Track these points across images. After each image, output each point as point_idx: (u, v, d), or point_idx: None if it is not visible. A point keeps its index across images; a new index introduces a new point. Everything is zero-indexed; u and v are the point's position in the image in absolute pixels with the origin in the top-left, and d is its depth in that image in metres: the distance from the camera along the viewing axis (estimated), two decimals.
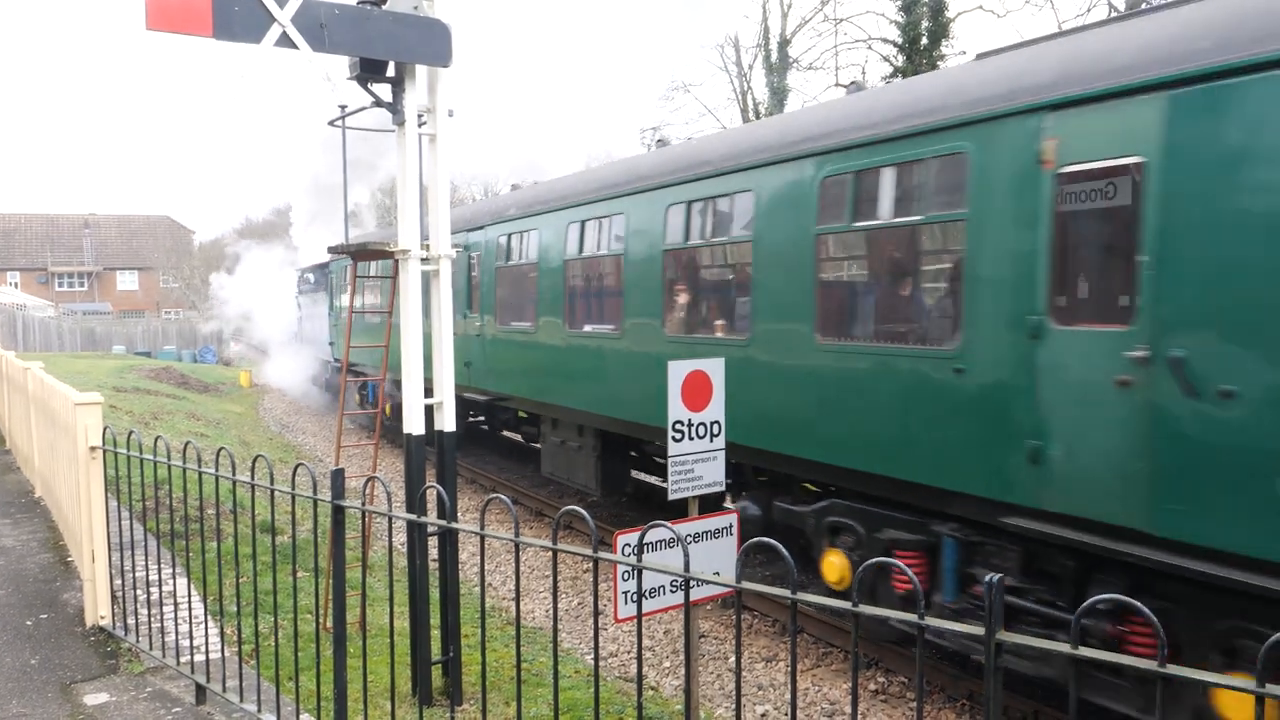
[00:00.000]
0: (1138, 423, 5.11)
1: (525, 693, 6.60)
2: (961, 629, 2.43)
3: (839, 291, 7.58)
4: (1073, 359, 5.53)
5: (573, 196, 11.07)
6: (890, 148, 6.64)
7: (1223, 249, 4.80)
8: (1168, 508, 5.03)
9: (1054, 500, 5.61)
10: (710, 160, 8.51)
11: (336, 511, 4.27)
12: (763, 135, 8.18)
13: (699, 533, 5.34)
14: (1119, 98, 5.27)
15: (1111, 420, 5.25)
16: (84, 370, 27.99)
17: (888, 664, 7.66)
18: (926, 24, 26.00)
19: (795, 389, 7.54)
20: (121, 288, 67.48)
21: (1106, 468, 5.29)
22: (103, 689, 5.47)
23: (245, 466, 4.82)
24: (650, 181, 9.39)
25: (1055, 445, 5.59)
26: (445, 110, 6.20)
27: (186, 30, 5.02)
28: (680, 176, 8.87)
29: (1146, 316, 5.09)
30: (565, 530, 12.34)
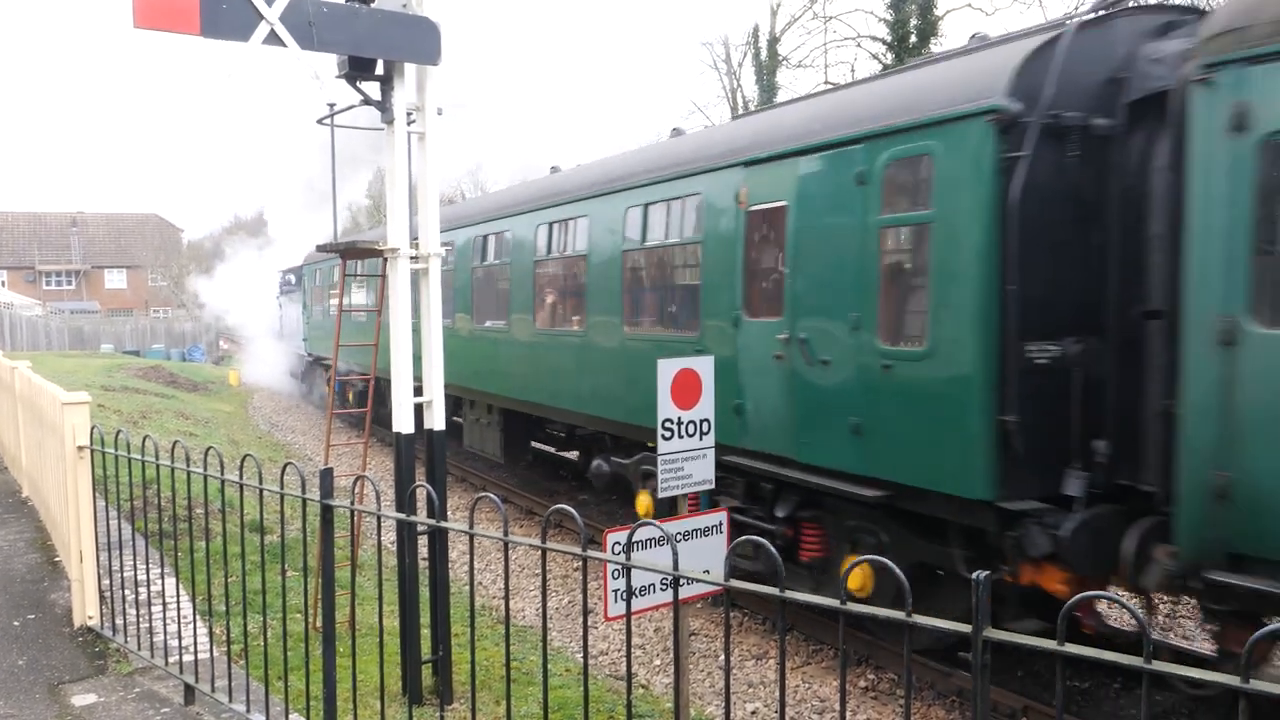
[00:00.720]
0: (786, 384, 7.57)
1: (516, 691, 6.60)
2: (948, 626, 2.45)
3: (637, 293, 9.93)
4: (753, 341, 7.91)
5: (466, 218, 14.22)
6: (659, 190, 9.19)
7: (816, 266, 7.26)
8: (802, 441, 7.40)
9: (750, 441, 7.98)
10: (565, 190, 11.23)
11: (325, 511, 4.27)
12: (593, 175, 10.92)
13: (688, 531, 5.34)
14: (776, 160, 7.70)
15: (773, 383, 7.72)
16: (72, 369, 27.86)
17: (878, 661, 7.69)
18: (915, 22, 26.05)
19: (612, 367, 10.04)
20: (109, 286, 67.18)
21: (773, 416, 7.72)
22: (91, 690, 5.45)
23: (234, 466, 4.81)
24: (526, 205, 12.12)
25: (748, 402, 7.94)
26: (434, 108, 6.19)
27: (174, 28, 5.01)
28: (545, 203, 11.62)
29: (788, 311, 7.53)
30: (555, 529, 12.35)
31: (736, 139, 8.44)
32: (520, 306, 12.07)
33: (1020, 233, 5.84)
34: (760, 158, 7.85)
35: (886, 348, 6.67)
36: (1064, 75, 5.96)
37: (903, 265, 6.83)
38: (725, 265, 8.19)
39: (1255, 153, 4.79)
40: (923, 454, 6.39)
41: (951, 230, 6.17)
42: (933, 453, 6.33)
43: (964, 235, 6.09)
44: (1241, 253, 4.79)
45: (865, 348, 6.80)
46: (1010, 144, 5.88)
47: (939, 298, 6.29)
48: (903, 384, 6.52)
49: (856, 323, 6.86)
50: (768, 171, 7.74)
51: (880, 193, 6.69)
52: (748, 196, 7.93)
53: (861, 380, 6.84)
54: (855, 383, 6.89)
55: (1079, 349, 5.99)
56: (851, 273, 6.92)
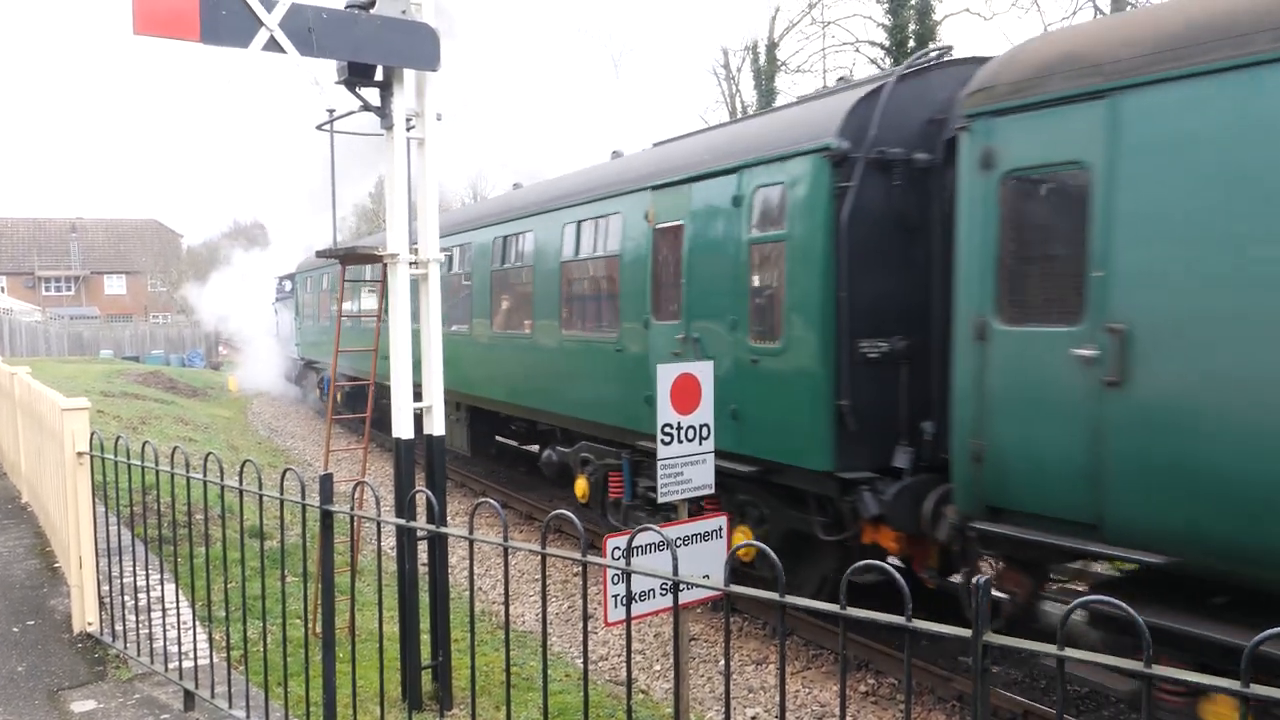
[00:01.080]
0: None
1: (515, 697, 6.59)
2: (948, 630, 2.45)
3: (572, 300, 11.02)
4: (659, 341, 9.06)
5: None
6: (589, 209, 10.40)
7: (704, 276, 8.41)
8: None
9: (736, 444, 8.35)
10: (516, 207, 12.54)
11: (325, 516, 4.26)
12: (539, 194, 12.19)
13: (688, 536, 5.34)
14: (675, 185, 8.82)
15: None
16: (71, 375, 27.86)
17: (878, 666, 7.69)
18: (914, 27, 26.09)
19: (553, 366, 11.21)
20: (109, 292, 67.17)
21: None
22: (90, 696, 5.44)
23: (233, 471, 4.80)
24: (484, 220, 13.42)
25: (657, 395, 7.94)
26: (433, 114, 6.19)
27: (174, 35, 5.01)
28: (500, 218, 12.83)
29: (684, 315, 8.72)
30: (555, 534, 12.34)
31: (649, 166, 9.65)
32: (480, 311, 13.35)
33: (849, 249, 7.05)
34: (664, 183, 9.04)
35: (754, 345, 7.85)
36: (886, 118, 7.15)
37: (765, 276, 7.91)
38: (638, 275, 9.40)
39: (998, 186, 5.85)
40: (782, 434, 7.63)
41: (798, 247, 7.39)
42: (789, 433, 7.55)
43: (807, 251, 7.30)
44: (990, 265, 5.90)
45: (739, 345, 7.98)
46: (841, 176, 7.07)
47: (790, 303, 7.48)
48: (766, 375, 7.75)
49: (733, 324, 8.04)
50: (669, 195, 8.94)
51: (750, 215, 7.89)
52: (654, 216, 9.13)
53: (737, 373, 7.98)
54: (733, 375, 7.98)
55: (905, 345, 7.16)
56: (729, 282, 8.10)
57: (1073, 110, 5.48)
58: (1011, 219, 5.87)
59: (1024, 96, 5.72)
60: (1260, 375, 4.66)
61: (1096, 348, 5.28)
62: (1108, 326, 5.23)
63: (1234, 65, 4.83)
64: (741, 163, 7.98)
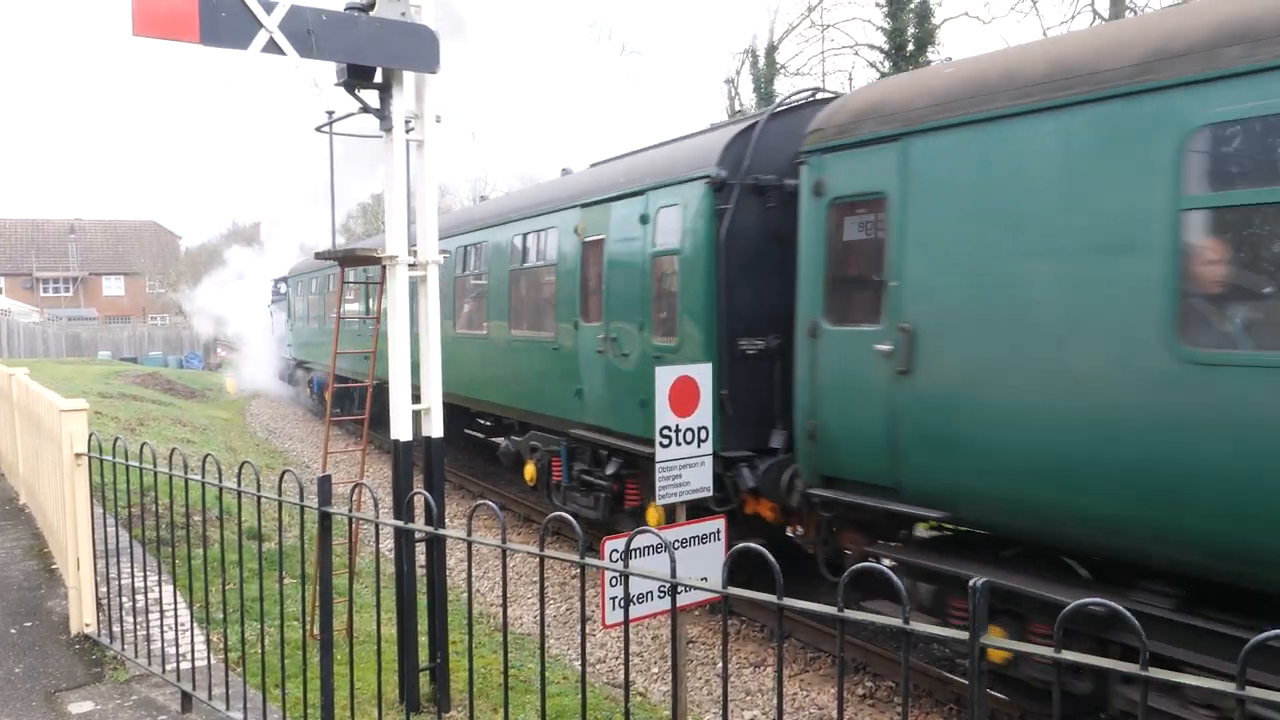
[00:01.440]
0: (605, 372, 9.81)
1: (513, 699, 6.59)
2: (946, 633, 2.45)
3: (518, 303, 12.17)
4: (586, 340, 10.16)
5: None
6: (533, 223, 11.61)
7: (620, 283, 9.51)
8: (616, 414, 9.59)
9: (589, 417, 10.19)
10: (476, 220, 13.78)
11: (323, 518, 4.27)
12: (495, 208, 13.70)
13: (686, 538, 5.35)
14: (599, 204, 10.09)
15: (598, 372, 9.97)
16: (69, 376, 27.84)
17: (875, 668, 7.69)
18: (913, 30, 26.13)
19: (505, 363, 12.25)
20: (107, 293, 67.13)
21: (600, 397, 9.99)
22: (87, 697, 5.44)
23: (231, 473, 4.80)
24: (451, 230, 14.05)
25: (585, 386, 10.25)
26: (433, 116, 6.20)
27: (173, 36, 5.01)
28: (463, 229, 13.94)
29: (604, 317, 9.77)
30: (553, 536, 12.34)
31: (581, 185, 10.91)
32: (446, 314, 13.97)
33: (727, 262, 8.23)
34: (590, 201, 10.24)
35: (657, 343, 8.98)
36: (759, 150, 8.31)
37: (665, 284, 9.02)
38: (571, 282, 10.55)
39: (826, 211, 7.01)
40: None
41: (688, 259, 8.58)
42: None
43: (694, 263, 8.49)
44: (820, 275, 7.06)
45: (646, 343, 9.11)
46: (721, 199, 8.23)
47: (682, 307, 8.66)
48: None
49: (641, 325, 9.19)
50: (595, 212, 10.11)
51: (654, 231, 9.04)
52: (584, 230, 10.29)
53: (645, 367, 8.93)
54: (642, 369, 9.04)
55: (777, 343, 8.22)
56: (639, 289, 9.23)
57: (877, 150, 6.63)
58: (835, 238, 7.08)
59: (844, 138, 6.90)
60: (1003, 364, 5.78)
61: (892, 344, 6.42)
62: (899, 326, 6.35)
63: (982, 119, 5.92)
64: (647, 186, 9.20)
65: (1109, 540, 5.45)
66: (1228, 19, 4.94)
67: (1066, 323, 5.45)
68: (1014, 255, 5.75)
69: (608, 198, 9.86)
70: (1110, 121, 5.29)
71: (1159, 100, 5.08)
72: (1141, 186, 5.12)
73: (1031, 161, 5.66)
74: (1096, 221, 5.33)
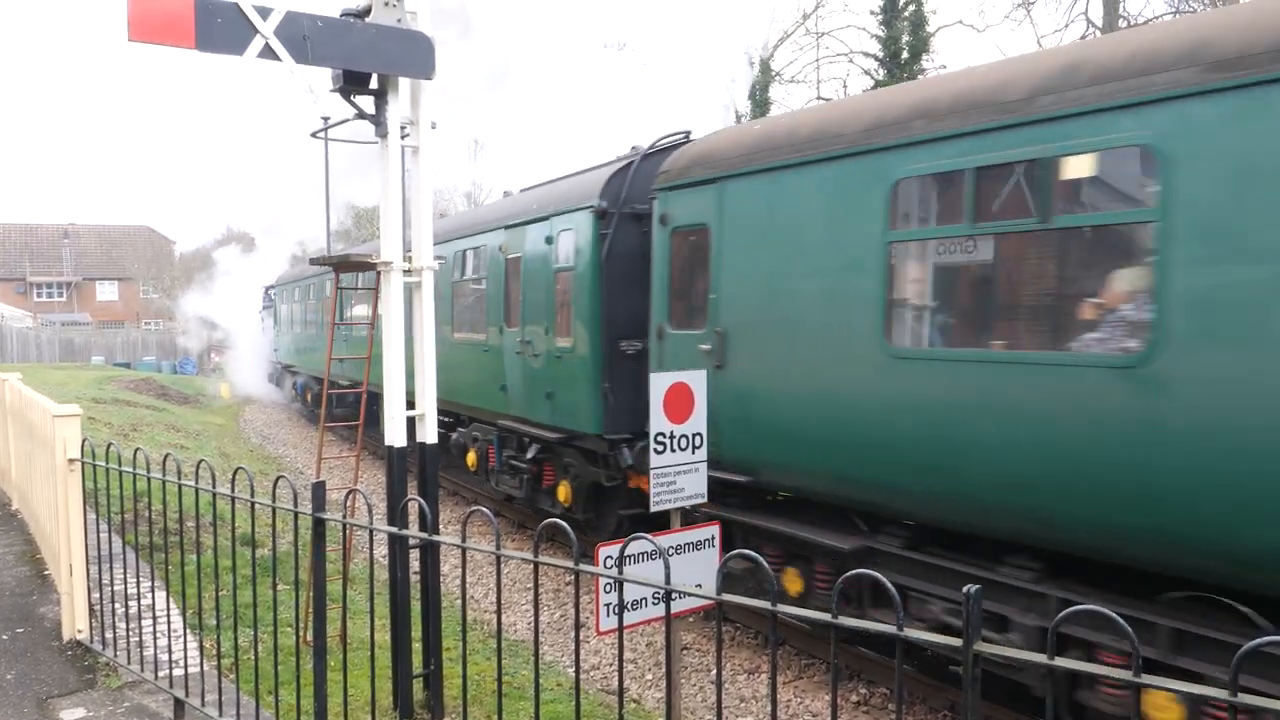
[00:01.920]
0: (522, 369, 11.37)
1: (507, 706, 6.58)
2: (940, 640, 2.45)
3: (459, 310, 13.83)
4: (508, 343, 11.78)
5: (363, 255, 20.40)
6: (470, 240, 13.22)
7: (532, 294, 11.12)
8: (531, 406, 11.24)
9: (512, 409, 11.78)
10: (450, 229, 14.75)
11: (317, 524, 4.26)
12: (441, 226, 14.72)
13: (681, 545, 5.35)
14: (516, 226, 11.77)
15: (517, 369, 11.49)
16: (62, 381, 27.76)
17: (869, 675, 7.68)
18: (907, 38, 26.22)
19: (449, 364, 12.07)
20: (101, 298, 66.90)
21: (519, 391, 11.52)
22: (79, 704, 5.42)
23: (225, 479, 4.79)
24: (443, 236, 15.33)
25: (508, 382, 11.79)
26: (428, 122, 6.20)
27: (169, 42, 5.01)
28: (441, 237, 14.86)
29: (521, 322, 11.38)
30: (547, 543, 12.32)
31: (505, 209, 12.74)
32: None
33: (608, 276, 9.88)
34: (511, 224, 11.90)
35: (559, 344, 10.59)
36: (635, 184, 9.95)
37: (565, 294, 10.51)
38: (497, 292, 12.21)
39: (670, 237, 8.65)
40: (575, 409, 10.34)
41: (579, 275, 10.21)
42: (578, 408, 10.27)
43: (585, 278, 10.08)
44: (665, 289, 8.73)
45: (551, 345, 10.70)
46: (604, 225, 9.88)
47: (575, 314, 10.25)
48: (566, 366, 10.50)
49: (547, 329, 10.78)
50: (514, 233, 11.78)
51: (556, 250, 10.67)
52: (506, 248, 11.93)
53: (550, 365, 10.72)
54: (547, 367, 10.79)
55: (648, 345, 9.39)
56: (545, 298, 10.85)
57: (702, 191, 8.22)
58: (676, 259, 8.66)
59: (682, 179, 8.52)
60: (783, 360, 7.36)
61: (710, 344, 8.02)
62: (716, 330, 7.98)
63: (770, 168, 7.50)
64: (551, 213, 10.88)
65: (854, 494, 7.01)
66: (920, 99, 6.49)
67: (821, 327, 7.01)
68: (789, 275, 7.31)
69: (523, 221, 11.59)
70: (848, 173, 6.84)
71: (876, 159, 6.57)
72: (866, 223, 6.62)
73: (801, 202, 7.23)
74: (840, 249, 6.88)
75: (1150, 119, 5.12)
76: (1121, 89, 5.28)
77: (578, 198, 10.40)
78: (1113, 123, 5.33)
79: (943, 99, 6.27)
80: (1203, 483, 4.93)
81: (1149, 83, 5.17)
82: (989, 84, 6.07)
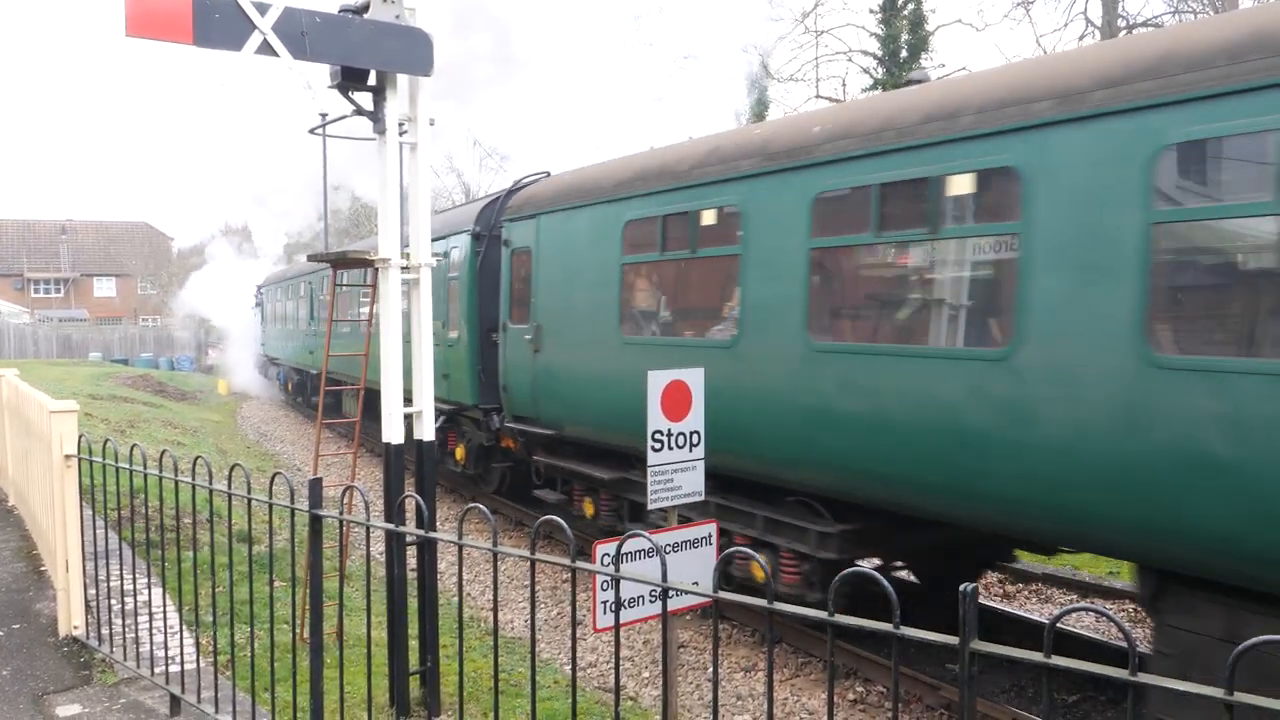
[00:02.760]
0: (441, 356, 13.23)
1: (504, 703, 6.58)
2: (936, 638, 2.45)
3: None
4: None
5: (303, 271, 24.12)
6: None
7: (437, 296, 11.11)
8: (445, 385, 13.31)
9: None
10: None
11: (314, 521, 4.25)
12: None
13: (678, 542, 5.34)
14: (438, 240, 13.46)
15: (441, 357, 13.30)
16: (59, 377, 27.73)
17: (866, 673, 7.69)
18: (906, 37, 26.20)
19: None
20: (99, 294, 66.82)
21: (445, 374, 13.42)
22: (75, 700, 5.41)
23: (221, 475, 4.79)
24: None
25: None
26: (426, 119, 6.19)
27: (166, 37, 4.99)
28: None
29: (442, 320, 13.59)
30: (545, 540, 12.32)
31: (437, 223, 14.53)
32: None
33: (481, 285, 12.74)
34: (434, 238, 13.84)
35: (450, 336, 13.34)
36: (501, 213, 12.39)
37: (454, 297, 13.31)
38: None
39: (510, 256, 11.63)
40: (461, 387, 13.10)
41: (462, 282, 13.09)
42: (464, 386, 13.03)
43: (465, 285, 13.05)
44: (507, 294, 11.66)
45: (445, 336, 13.39)
46: (478, 245, 12.86)
47: (459, 313, 13.14)
48: (452, 352, 13.28)
49: (445, 323, 13.49)
50: (437, 245, 13.47)
51: (449, 262, 13.38)
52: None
53: (445, 352, 13.31)
54: (442, 353, 13.21)
55: None
56: (442, 300, 13.21)
57: (528, 223, 11.21)
58: (514, 272, 11.51)
59: (517, 214, 11.59)
60: (570, 346, 10.28)
61: (531, 335, 10.81)
62: (535, 324, 10.76)
63: (565, 208, 10.51)
64: (449, 233, 13.63)
65: (612, 440, 9.77)
66: (643, 166, 9.39)
67: (588, 322, 9.86)
68: (572, 285, 10.24)
69: (436, 238, 13.40)
70: (603, 215, 9.72)
71: (616, 206, 9.47)
72: (611, 251, 9.48)
73: (580, 234, 10.19)
74: (598, 268, 9.72)
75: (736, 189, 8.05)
76: (720, 169, 8.21)
77: (460, 222, 13.51)
78: (720, 193, 8.18)
79: (652, 166, 9.24)
80: None
81: (735, 166, 8.07)
82: (668, 160, 9.12)
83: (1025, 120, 5.79)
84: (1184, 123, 5.05)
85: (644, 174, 9.15)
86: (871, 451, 6.74)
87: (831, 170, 7.08)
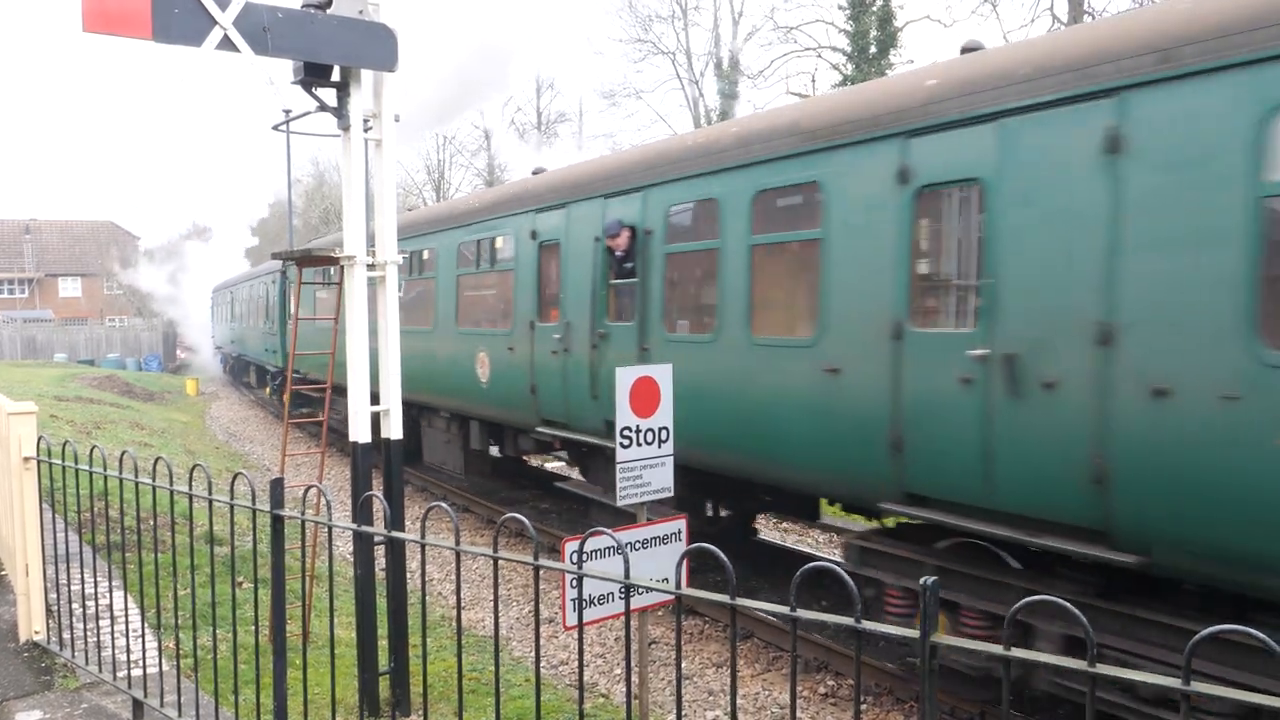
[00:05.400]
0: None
1: (474, 702, 6.55)
2: (896, 631, 2.46)
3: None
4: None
5: None
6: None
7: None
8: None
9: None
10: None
11: (275, 521, 4.21)
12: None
13: (646, 539, 5.33)
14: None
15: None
16: (23, 379, 27.33)
17: (836, 667, 7.72)
18: (875, 33, 26.33)
19: None
20: (64, 294, 65.90)
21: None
22: (36, 706, 5.33)
23: (184, 476, 4.73)
24: None
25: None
26: (391, 115, 6.14)
27: (125, 32, 4.92)
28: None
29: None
30: (515, 538, 12.28)
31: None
32: None
33: None
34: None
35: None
36: None
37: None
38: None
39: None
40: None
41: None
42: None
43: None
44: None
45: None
46: None
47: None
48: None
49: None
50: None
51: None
52: None
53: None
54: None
55: None
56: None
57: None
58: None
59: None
60: None
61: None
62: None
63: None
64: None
65: None
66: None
67: None
68: None
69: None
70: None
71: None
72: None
73: None
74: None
75: None
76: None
77: None
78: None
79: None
80: None
81: None
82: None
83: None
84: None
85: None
86: None
87: None
